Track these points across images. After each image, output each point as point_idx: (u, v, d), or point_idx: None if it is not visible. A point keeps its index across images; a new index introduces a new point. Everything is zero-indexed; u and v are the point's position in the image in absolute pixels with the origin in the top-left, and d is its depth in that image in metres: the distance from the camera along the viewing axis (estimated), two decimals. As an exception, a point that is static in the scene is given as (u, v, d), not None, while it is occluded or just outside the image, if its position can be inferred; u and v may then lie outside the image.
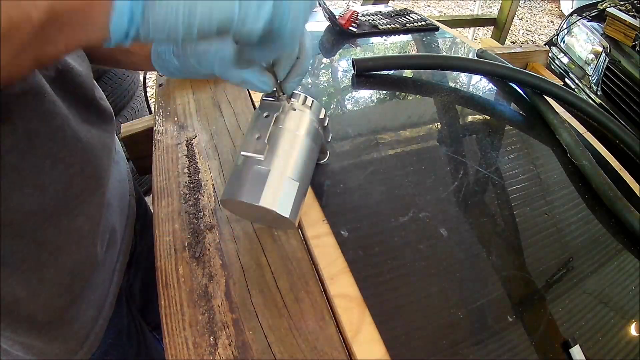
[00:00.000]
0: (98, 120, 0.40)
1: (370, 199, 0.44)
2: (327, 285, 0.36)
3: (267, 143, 0.31)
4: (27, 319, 0.34)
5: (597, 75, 1.42)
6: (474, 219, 0.44)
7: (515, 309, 0.36)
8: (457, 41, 0.85)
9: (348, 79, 0.67)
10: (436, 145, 0.54)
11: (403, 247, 0.40)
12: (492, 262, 0.40)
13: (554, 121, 0.57)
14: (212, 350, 0.31)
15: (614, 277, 0.40)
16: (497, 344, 0.34)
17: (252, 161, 0.31)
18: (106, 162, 0.40)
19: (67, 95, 0.35)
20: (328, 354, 0.32)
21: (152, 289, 0.38)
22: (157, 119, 0.55)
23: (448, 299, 0.36)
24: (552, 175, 0.51)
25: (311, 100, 0.36)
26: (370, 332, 0.33)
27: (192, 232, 0.40)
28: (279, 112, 0.33)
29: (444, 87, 0.66)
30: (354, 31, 0.81)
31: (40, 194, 0.31)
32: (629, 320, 0.37)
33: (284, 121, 0.33)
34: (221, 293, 0.35)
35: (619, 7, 1.48)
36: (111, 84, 1.11)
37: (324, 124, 0.38)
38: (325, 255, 0.38)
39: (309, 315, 0.34)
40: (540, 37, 3.29)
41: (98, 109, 0.41)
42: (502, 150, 0.54)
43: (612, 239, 0.44)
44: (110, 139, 0.42)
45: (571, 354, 0.33)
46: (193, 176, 0.46)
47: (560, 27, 1.73)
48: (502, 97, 0.66)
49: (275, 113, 0.33)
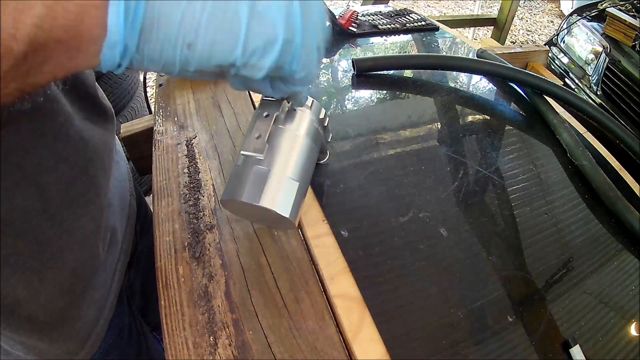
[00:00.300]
0: (100, 119, 0.40)
1: (370, 199, 0.44)
2: (327, 285, 0.36)
3: (267, 142, 0.32)
4: (28, 319, 0.34)
5: (597, 75, 1.42)
6: (474, 219, 0.44)
7: (515, 309, 0.36)
8: (457, 41, 0.85)
9: (348, 79, 0.67)
10: (436, 145, 0.54)
11: (403, 247, 0.40)
12: (492, 262, 0.40)
13: (554, 121, 0.57)
14: (212, 350, 0.31)
15: (614, 277, 0.40)
16: (497, 344, 0.34)
17: (252, 161, 0.31)
18: (108, 162, 0.40)
19: (70, 93, 0.35)
20: (328, 354, 0.32)
21: (152, 289, 0.38)
22: (157, 119, 0.55)
23: (448, 299, 0.36)
24: (552, 175, 0.51)
25: (311, 100, 0.36)
26: (370, 332, 0.33)
27: (192, 232, 0.40)
28: (279, 112, 0.33)
29: (444, 87, 0.66)
30: (354, 31, 0.81)
31: (43, 193, 0.31)
32: (629, 320, 0.37)
33: (284, 121, 0.33)
34: (221, 293, 0.35)
35: (619, 7, 1.48)
36: (111, 84, 1.11)
37: (324, 124, 0.38)
38: (325, 255, 0.38)
39: (309, 315, 0.34)
40: (540, 37, 3.30)
41: (100, 107, 0.41)
42: (502, 150, 0.54)
43: (612, 239, 0.44)
44: (112, 139, 0.42)
45: (571, 354, 0.33)
46: (193, 176, 0.46)
47: (560, 27, 1.73)
48: (502, 97, 0.66)
49: (275, 113, 0.33)
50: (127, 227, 0.48)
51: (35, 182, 0.31)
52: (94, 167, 0.37)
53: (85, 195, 0.36)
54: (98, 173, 0.38)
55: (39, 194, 0.31)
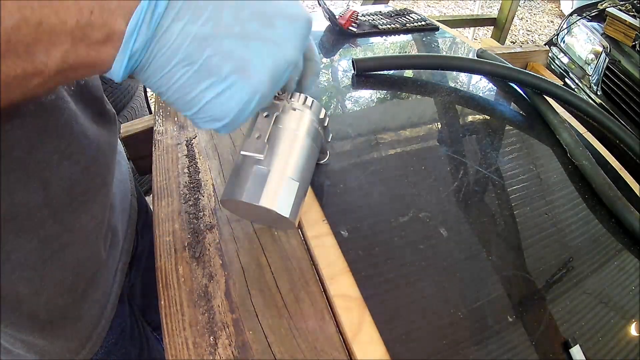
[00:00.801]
0: (103, 120, 0.40)
1: (370, 199, 0.44)
2: (327, 285, 0.36)
3: (267, 143, 0.32)
4: (29, 317, 0.34)
5: (597, 75, 1.42)
6: (474, 219, 0.44)
7: (515, 309, 0.36)
8: (457, 41, 0.85)
9: (348, 79, 0.67)
10: (436, 145, 0.54)
11: (403, 247, 0.40)
12: (492, 262, 0.40)
13: (554, 121, 0.57)
14: (212, 350, 0.31)
15: (614, 277, 0.40)
16: (497, 344, 0.34)
17: (251, 160, 0.31)
18: (111, 162, 0.40)
19: (75, 92, 0.35)
20: (328, 354, 0.32)
21: (153, 289, 0.38)
22: (157, 119, 0.55)
23: (448, 299, 0.36)
24: (552, 175, 0.51)
25: (311, 100, 0.36)
26: (370, 332, 0.33)
27: (192, 232, 0.40)
28: (279, 112, 0.33)
29: (444, 87, 0.66)
30: (354, 31, 0.81)
31: (46, 190, 0.31)
32: (629, 320, 0.37)
33: (284, 121, 0.34)
34: (221, 293, 0.35)
35: (619, 7, 1.48)
36: (111, 83, 1.11)
37: (324, 124, 0.38)
38: (325, 255, 0.38)
39: (309, 315, 0.34)
40: (540, 37, 3.29)
41: (104, 107, 0.41)
42: (502, 150, 0.54)
43: (612, 239, 0.44)
44: (115, 140, 0.43)
45: (571, 354, 0.33)
46: (193, 176, 0.46)
47: (560, 27, 1.73)
48: (502, 97, 0.66)
49: (276, 113, 0.33)
50: (129, 227, 0.48)
51: (38, 178, 0.30)
52: (98, 166, 0.37)
53: (88, 193, 0.36)
54: (101, 172, 0.38)
55: (42, 191, 0.31)
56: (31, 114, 0.29)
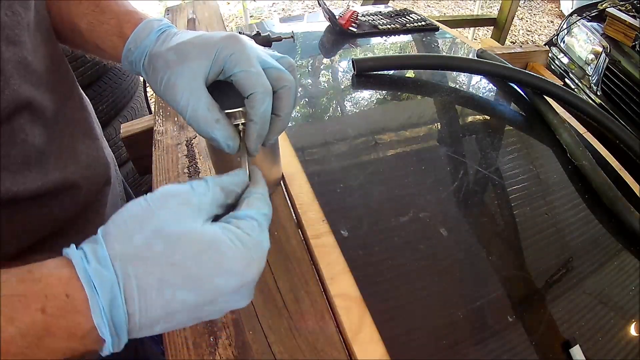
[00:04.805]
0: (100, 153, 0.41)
1: (370, 199, 0.44)
2: (327, 285, 0.36)
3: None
4: None
5: (597, 76, 1.42)
6: (474, 219, 0.44)
7: (515, 309, 0.36)
8: (457, 41, 0.85)
9: (348, 79, 0.67)
10: (436, 145, 0.54)
11: (403, 247, 0.40)
12: (492, 262, 0.40)
13: (554, 121, 0.57)
14: (212, 350, 0.31)
15: (614, 277, 0.40)
16: (497, 344, 0.34)
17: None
18: (105, 186, 0.42)
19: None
20: (328, 354, 0.32)
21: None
22: (157, 119, 0.55)
23: (448, 299, 0.36)
24: (552, 175, 0.51)
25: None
26: (370, 332, 0.33)
27: (192, 232, 0.40)
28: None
29: (444, 87, 0.66)
30: (354, 31, 0.81)
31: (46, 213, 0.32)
32: (629, 320, 0.37)
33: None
34: (221, 293, 0.35)
35: (619, 7, 1.48)
36: (111, 84, 1.10)
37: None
38: (325, 255, 0.38)
39: (309, 315, 0.34)
40: (540, 37, 3.29)
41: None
42: (502, 150, 0.54)
43: (612, 239, 0.44)
44: (109, 167, 0.44)
45: (571, 354, 0.33)
46: (193, 176, 0.46)
47: (560, 27, 1.73)
48: (502, 97, 0.66)
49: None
50: None
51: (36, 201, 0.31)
52: (95, 187, 0.38)
53: (84, 215, 0.37)
54: (96, 196, 0.39)
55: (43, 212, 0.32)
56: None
